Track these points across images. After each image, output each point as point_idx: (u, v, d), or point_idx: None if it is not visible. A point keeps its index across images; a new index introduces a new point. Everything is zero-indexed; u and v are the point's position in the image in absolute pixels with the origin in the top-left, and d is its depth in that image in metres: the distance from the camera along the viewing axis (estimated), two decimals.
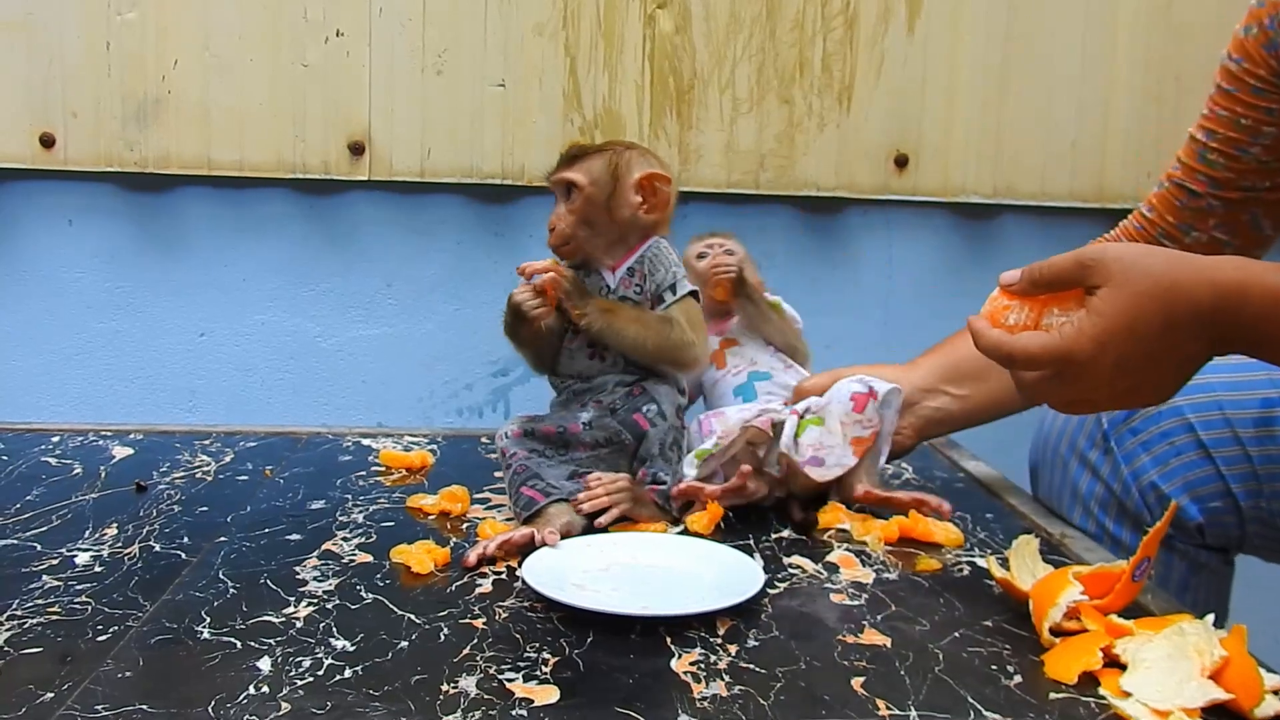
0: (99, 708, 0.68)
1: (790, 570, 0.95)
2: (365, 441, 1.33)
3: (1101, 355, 0.79)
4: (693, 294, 1.09)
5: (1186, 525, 1.09)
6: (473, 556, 0.93)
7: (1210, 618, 0.75)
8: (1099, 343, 0.79)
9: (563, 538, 0.97)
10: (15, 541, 0.96)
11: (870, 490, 1.10)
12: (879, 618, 0.86)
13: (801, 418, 1.10)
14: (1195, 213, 1.13)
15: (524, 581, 0.86)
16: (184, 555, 0.94)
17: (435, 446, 1.31)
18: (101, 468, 1.18)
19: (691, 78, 1.78)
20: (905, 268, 1.88)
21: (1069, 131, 1.85)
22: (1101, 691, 0.73)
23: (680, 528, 1.04)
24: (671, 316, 1.07)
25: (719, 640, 0.80)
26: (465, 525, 1.05)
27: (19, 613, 0.81)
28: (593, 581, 0.89)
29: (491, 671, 0.74)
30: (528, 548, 0.95)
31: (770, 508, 1.11)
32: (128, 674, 0.72)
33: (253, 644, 0.77)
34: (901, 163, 1.82)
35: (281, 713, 0.68)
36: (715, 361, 1.19)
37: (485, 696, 0.70)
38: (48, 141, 1.72)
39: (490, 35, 1.75)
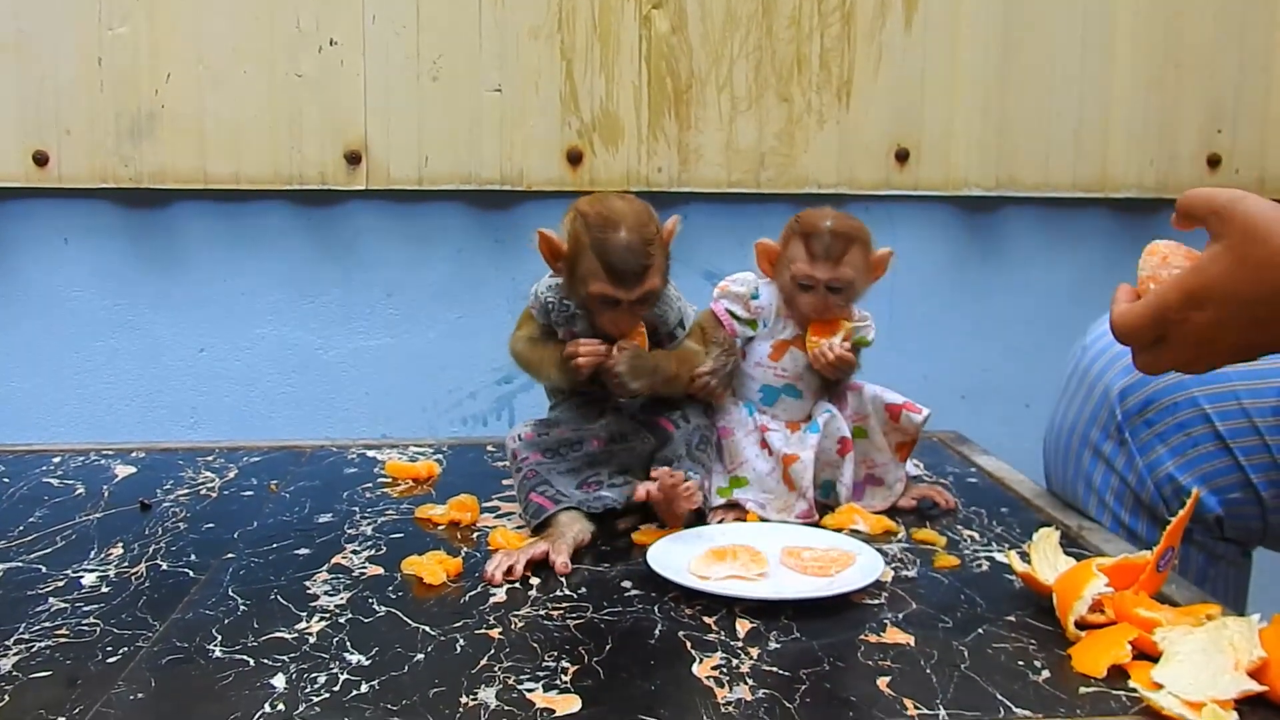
0: None
1: None
2: (370, 453, 1.31)
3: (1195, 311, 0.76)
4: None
5: (1205, 518, 1.07)
6: (498, 574, 0.91)
7: (1256, 617, 0.73)
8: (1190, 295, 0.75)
9: (575, 549, 0.96)
10: (20, 564, 0.95)
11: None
12: (900, 616, 0.84)
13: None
14: None
15: (670, 583, 0.87)
16: (192, 573, 0.93)
17: (441, 456, 1.29)
18: (104, 487, 1.17)
19: (689, 77, 1.77)
20: (909, 263, 1.86)
21: (1070, 121, 1.83)
22: (1132, 684, 0.72)
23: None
24: (695, 350, 1.06)
25: (740, 644, 0.79)
26: (476, 534, 1.03)
27: (26, 636, 0.80)
28: (718, 573, 0.90)
29: (510, 682, 0.72)
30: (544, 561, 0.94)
31: None
32: (139, 695, 0.71)
33: (266, 661, 0.76)
34: (902, 157, 1.81)
35: None
36: (773, 349, 1.11)
37: (505, 708, 0.69)
38: (41, 160, 1.70)
39: (485, 40, 1.74)
